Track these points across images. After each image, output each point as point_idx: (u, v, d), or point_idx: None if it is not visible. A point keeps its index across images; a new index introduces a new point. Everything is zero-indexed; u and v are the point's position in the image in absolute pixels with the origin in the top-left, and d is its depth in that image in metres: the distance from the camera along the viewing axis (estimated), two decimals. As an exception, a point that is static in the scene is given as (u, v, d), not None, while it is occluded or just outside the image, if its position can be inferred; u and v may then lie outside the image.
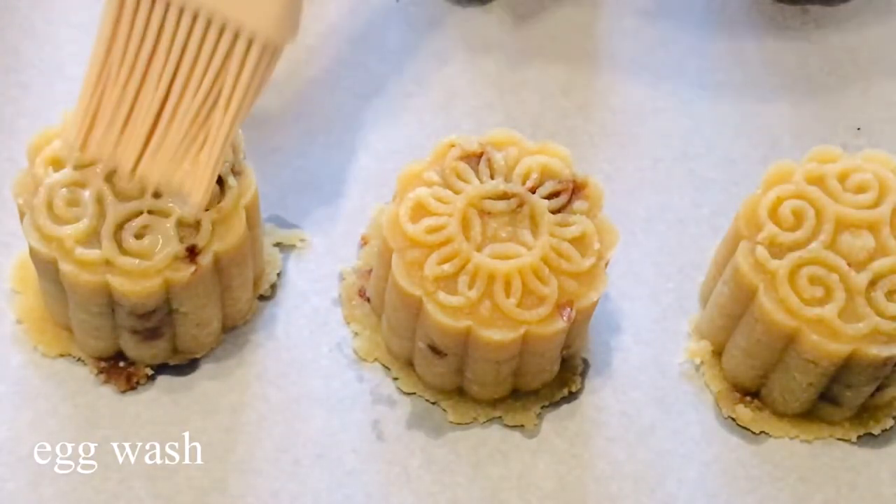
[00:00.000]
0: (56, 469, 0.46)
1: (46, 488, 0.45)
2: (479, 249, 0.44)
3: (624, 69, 0.56)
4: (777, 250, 0.45)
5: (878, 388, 0.47)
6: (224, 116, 0.42)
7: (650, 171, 0.54)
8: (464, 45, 0.56)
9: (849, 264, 0.45)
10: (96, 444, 0.46)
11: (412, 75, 0.55)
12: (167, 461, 0.46)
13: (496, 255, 0.44)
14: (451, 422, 0.47)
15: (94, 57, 0.42)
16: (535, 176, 0.46)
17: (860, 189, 0.46)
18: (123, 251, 0.44)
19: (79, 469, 0.46)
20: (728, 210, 0.48)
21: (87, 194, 0.44)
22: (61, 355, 0.48)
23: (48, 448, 0.46)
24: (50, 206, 0.44)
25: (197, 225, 0.44)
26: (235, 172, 0.45)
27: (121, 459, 0.46)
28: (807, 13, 0.58)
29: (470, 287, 0.44)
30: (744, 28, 0.58)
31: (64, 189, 0.44)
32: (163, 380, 0.48)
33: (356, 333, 0.49)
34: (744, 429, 0.48)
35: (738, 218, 0.46)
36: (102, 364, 0.47)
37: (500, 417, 0.48)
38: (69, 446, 0.46)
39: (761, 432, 0.48)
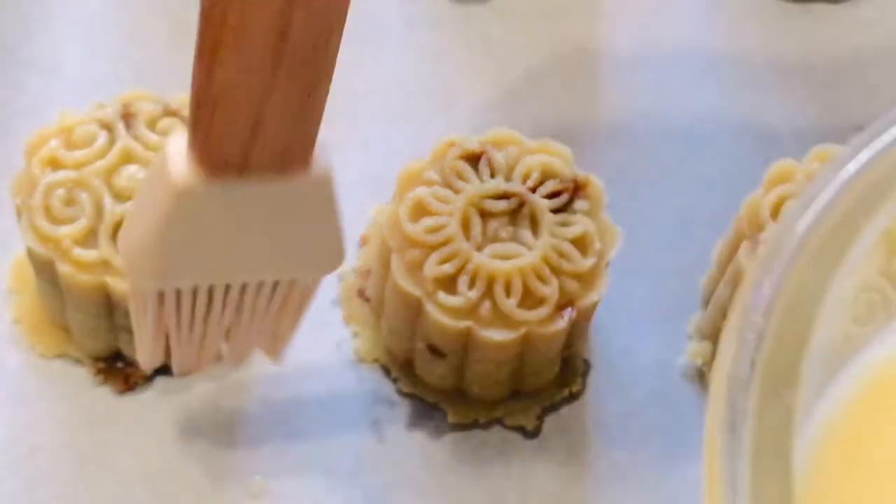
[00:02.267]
0: (54, 470, 0.46)
1: (44, 489, 0.45)
2: (479, 249, 0.44)
3: (624, 69, 0.56)
4: (779, 250, 0.45)
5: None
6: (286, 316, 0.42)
7: (650, 171, 0.54)
8: (464, 45, 0.56)
9: (851, 264, 0.45)
10: (95, 445, 0.46)
11: (412, 75, 0.55)
12: (166, 462, 0.46)
13: (496, 256, 0.44)
14: (451, 423, 0.47)
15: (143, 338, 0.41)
16: (535, 175, 0.45)
17: (862, 189, 0.46)
18: (122, 251, 0.44)
19: (77, 470, 0.46)
20: (729, 210, 0.48)
21: (84, 194, 0.44)
22: (59, 356, 0.48)
23: (46, 449, 0.46)
24: (47, 206, 0.44)
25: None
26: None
27: (119, 460, 0.46)
28: (809, 12, 0.58)
29: (470, 287, 0.44)
30: (745, 27, 0.58)
31: (61, 189, 0.44)
32: (161, 380, 0.47)
33: (356, 334, 0.49)
34: (745, 430, 0.48)
35: (740, 218, 0.46)
36: (100, 365, 0.47)
37: (500, 418, 0.47)
38: (67, 447, 0.46)
39: (763, 433, 0.48)
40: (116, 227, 0.44)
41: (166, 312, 0.40)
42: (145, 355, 0.42)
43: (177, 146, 0.36)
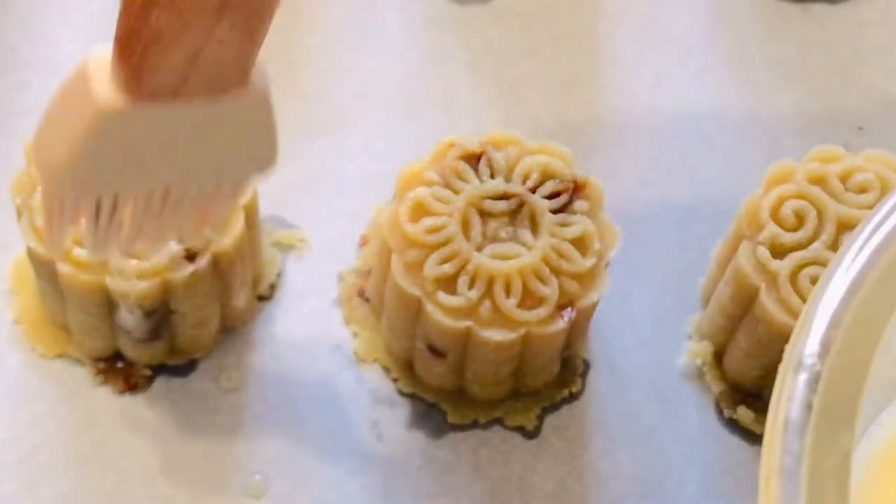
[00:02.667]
0: (54, 470, 0.46)
1: (44, 489, 0.45)
2: (479, 250, 0.44)
3: (624, 68, 0.56)
4: (779, 251, 0.45)
5: (881, 390, 0.46)
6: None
7: (650, 170, 0.54)
8: (464, 45, 0.56)
9: (851, 265, 0.45)
10: (95, 445, 0.46)
11: (412, 75, 0.55)
12: (166, 462, 0.46)
13: (496, 256, 0.44)
14: (450, 423, 0.47)
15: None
16: (535, 176, 0.45)
17: (862, 189, 0.46)
18: (122, 251, 0.44)
19: (77, 470, 0.46)
20: (729, 210, 0.48)
21: (85, 194, 0.44)
22: (59, 356, 0.48)
23: (46, 449, 0.46)
24: (48, 206, 0.44)
25: (196, 225, 0.44)
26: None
27: (119, 460, 0.46)
28: (809, 12, 0.58)
29: (470, 287, 0.44)
30: (745, 27, 0.58)
31: (62, 189, 0.44)
32: (161, 380, 0.47)
33: (355, 334, 0.49)
34: (745, 430, 0.48)
35: (740, 218, 0.46)
36: (101, 365, 0.47)
37: (500, 418, 0.47)
38: (67, 447, 0.46)
39: (763, 433, 0.48)
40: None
41: (82, 211, 0.37)
42: (54, 247, 0.39)
43: (100, 61, 0.33)
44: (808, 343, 0.30)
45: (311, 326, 0.49)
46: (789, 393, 0.30)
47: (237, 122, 0.35)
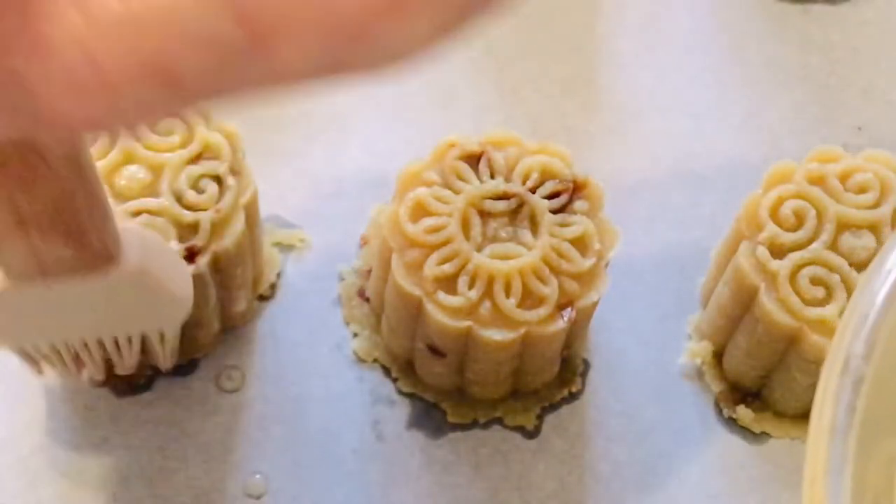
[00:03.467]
0: (54, 470, 0.46)
1: (45, 489, 0.45)
2: (479, 250, 0.44)
3: (624, 69, 0.56)
4: (778, 251, 0.45)
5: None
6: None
7: (650, 171, 0.54)
8: (464, 45, 0.56)
9: (850, 265, 0.45)
10: (95, 445, 0.46)
11: (412, 75, 0.55)
12: (166, 462, 0.46)
13: (496, 256, 0.44)
14: (450, 422, 0.47)
15: None
16: (535, 176, 0.45)
17: (861, 189, 0.46)
18: (122, 251, 0.44)
19: (77, 470, 0.46)
20: (728, 210, 0.48)
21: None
22: (60, 356, 0.48)
23: (46, 449, 0.46)
24: (48, 205, 0.44)
25: (196, 225, 0.44)
26: (234, 172, 0.45)
27: (119, 460, 0.46)
28: (808, 13, 0.58)
29: (470, 287, 0.44)
30: (745, 28, 0.58)
31: (62, 189, 0.44)
32: (161, 380, 0.47)
33: (356, 334, 0.49)
34: (745, 429, 0.48)
35: (739, 218, 0.46)
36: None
37: (500, 418, 0.48)
38: (67, 447, 0.46)
39: (762, 433, 0.48)
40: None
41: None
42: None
43: None
44: (852, 345, 0.30)
45: (311, 326, 0.49)
46: (834, 395, 0.29)
47: (121, 291, 0.37)
